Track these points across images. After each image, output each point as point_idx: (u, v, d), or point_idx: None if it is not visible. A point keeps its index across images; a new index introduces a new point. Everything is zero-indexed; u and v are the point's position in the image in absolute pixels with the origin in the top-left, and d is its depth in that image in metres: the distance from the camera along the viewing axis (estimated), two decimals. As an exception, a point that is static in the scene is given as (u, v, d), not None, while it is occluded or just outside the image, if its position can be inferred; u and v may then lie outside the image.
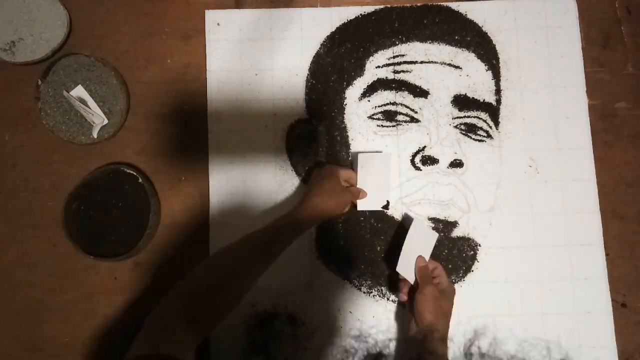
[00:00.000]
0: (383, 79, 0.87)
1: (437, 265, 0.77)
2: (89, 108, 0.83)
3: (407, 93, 0.87)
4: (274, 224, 0.72)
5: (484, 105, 0.87)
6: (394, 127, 0.86)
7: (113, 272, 0.83)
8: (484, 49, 0.89)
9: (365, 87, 0.87)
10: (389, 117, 0.86)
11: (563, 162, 0.86)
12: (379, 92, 0.87)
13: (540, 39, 0.89)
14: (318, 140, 0.86)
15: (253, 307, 0.81)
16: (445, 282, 0.76)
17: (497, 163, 0.86)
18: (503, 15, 0.90)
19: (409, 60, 0.88)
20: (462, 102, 0.87)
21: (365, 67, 0.88)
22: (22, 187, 0.85)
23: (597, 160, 0.86)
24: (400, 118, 0.86)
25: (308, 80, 0.88)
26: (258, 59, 0.88)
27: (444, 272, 0.77)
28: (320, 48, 0.89)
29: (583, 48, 0.89)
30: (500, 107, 0.87)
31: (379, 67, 0.88)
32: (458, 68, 0.88)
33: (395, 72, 0.87)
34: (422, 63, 0.88)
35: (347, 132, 0.86)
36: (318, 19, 0.89)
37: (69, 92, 0.83)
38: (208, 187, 0.85)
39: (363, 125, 0.86)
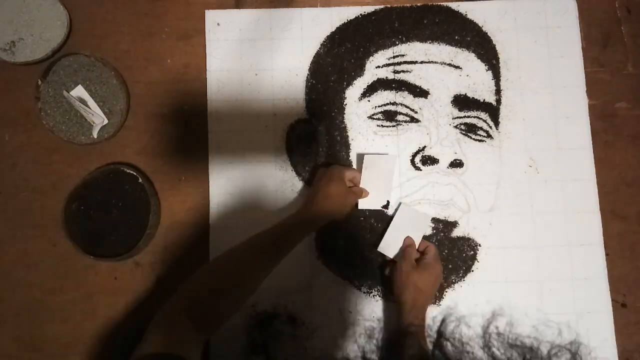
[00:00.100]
0: (383, 79, 0.87)
1: (428, 245, 0.80)
2: (89, 108, 0.83)
3: (407, 93, 0.87)
4: (280, 226, 0.72)
5: (484, 105, 0.87)
6: (394, 127, 0.86)
7: (113, 272, 0.83)
8: (484, 49, 0.89)
9: (365, 87, 0.87)
10: (389, 117, 0.86)
11: (563, 162, 0.86)
12: (379, 92, 0.87)
13: (540, 39, 0.89)
14: (318, 140, 0.86)
15: (253, 307, 0.81)
16: (430, 259, 0.77)
17: (497, 163, 0.86)
18: (503, 15, 0.90)
19: (409, 60, 0.88)
20: (462, 102, 0.87)
21: (365, 67, 0.88)
22: (22, 187, 0.85)
23: (597, 160, 0.86)
24: (400, 118, 0.86)
25: (308, 80, 0.88)
26: (258, 59, 0.88)
27: (435, 252, 0.79)
28: (320, 48, 0.89)
29: (583, 48, 0.89)
30: (500, 107, 0.87)
31: (379, 67, 0.88)
32: (458, 68, 0.88)
33: (395, 72, 0.87)
34: (422, 63, 0.88)
35: (347, 132, 0.86)
36: (318, 19, 0.89)
37: (69, 92, 0.83)
38: (208, 187, 0.85)
39: (363, 125, 0.86)
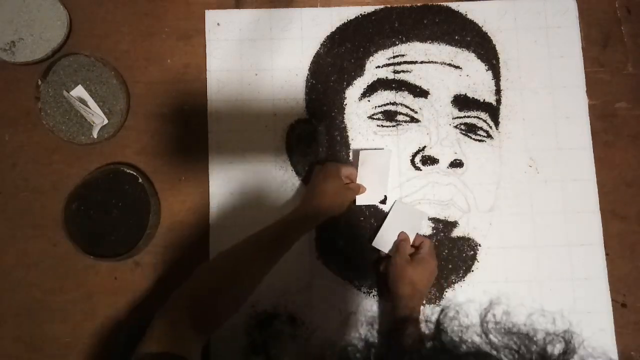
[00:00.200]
0: (383, 79, 0.87)
1: (423, 240, 0.80)
2: (89, 108, 0.83)
3: (407, 93, 0.87)
4: (278, 224, 0.72)
5: (484, 105, 0.87)
6: (394, 127, 0.86)
7: (113, 272, 0.83)
8: (484, 49, 0.89)
9: (365, 87, 0.87)
10: (389, 117, 0.86)
11: (563, 162, 0.86)
12: (379, 92, 0.87)
13: (540, 39, 0.89)
14: (318, 140, 0.86)
15: (253, 307, 0.81)
16: (425, 254, 0.77)
17: (497, 163, 0.86)
18: (503, 15, 0.90)
19: (409, 60, 0.88)
20: (462, 102, 0.87)
21: (365, 67, 0.88)
22: (22, 187, 0.85)
23: (597, 160, 0.86)
24: (400, 118, 0.86)
25: (308, 80, 0.88)
26: (258, 59, 0.88)
27: (429, 246, 0.79)
28: (320, 48, 0.89)
29: (583, 48, 0.89)
30: (500, 107, 0.87)
31: (379, 67, 0.88)
32: (458, 68, 0.88)
33: (395, 72, 0.87)
34: (422, 63, 0.88)
35: (347, 132, 0.86)
36: (318, 19, 0.89)
37: (69, 92, 0.83)
38: (208, 187, 0.85)
39: (363, 125, 0.86)
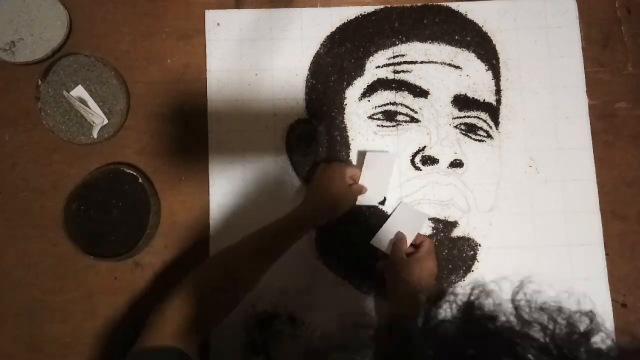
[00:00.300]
0: (383, 79, 0.87)
1: (424, 239, 0.80)
2: (89, 108, 0.83)
3: (407, 93, 0.87)
4: (280, 222, 0.73)
5: (484, 105, 0.87)
6: (394, 127, 0.86)
7: (113, 272, 0.83)
8: (484, 49, 0.89)
9: (365, 87, 0.87)
10: (389, 117, 0.86)
11: (563, 162, 0.86)
12: (379, 92, 0.87)
13: (540, 39, 0.89)
14: (318, 140, 0.86)
15: (253, 307, 0.81)
16: (423, 253, 0.77)
17: (497, 163, 0.86)
18: (503, 15, 0.90)
19: (409, 60, 0.88)
20: (462, 102, 0.86)
21: (365, 67, 0.88)
22: (22, 187, 0.85)
23: (597, 160, 0.86)
24: (400, 118, 0.86)
25: (308, 80, 0.88)
26: (258, 59, 0.88)
27: (428, 246, 0.79)
28: (320, 48, 0.89)
29: (583, 48, 0.89)
30: (500, 107, 0.87)
31: (379, 67, 0.87)
32: (458, 68, 0.88)
33: (395, 72, 0.87)
34: (422, 63, 0.88)
35: (347, 132, 0.86)
36: (318, 19, 0.89)
37: (69, 92, 0.83)
38: (208, 187, 0.85)
39: (363, 125, 0.86)
